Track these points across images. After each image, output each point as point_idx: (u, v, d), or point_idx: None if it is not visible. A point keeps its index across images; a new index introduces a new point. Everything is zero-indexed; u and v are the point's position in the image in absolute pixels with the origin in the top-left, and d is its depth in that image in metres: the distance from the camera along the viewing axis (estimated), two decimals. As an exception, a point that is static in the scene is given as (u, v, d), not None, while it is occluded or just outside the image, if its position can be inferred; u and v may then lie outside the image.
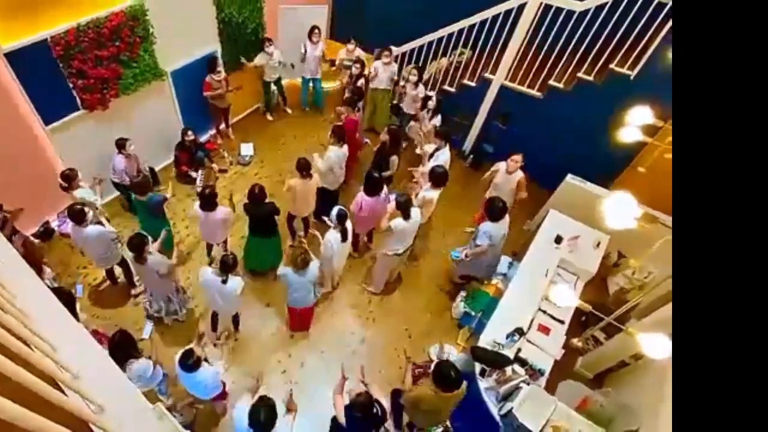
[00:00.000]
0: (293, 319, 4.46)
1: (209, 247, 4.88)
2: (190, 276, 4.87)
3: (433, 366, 2.95)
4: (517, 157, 4.67)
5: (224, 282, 3.59)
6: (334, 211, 4.03)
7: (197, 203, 4.23)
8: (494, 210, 4.10)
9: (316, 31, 6.38)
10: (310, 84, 7.05)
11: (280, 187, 5.07)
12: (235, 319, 4.33)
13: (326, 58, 6.84)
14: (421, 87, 6.02)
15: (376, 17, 6.91)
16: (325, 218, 4.22)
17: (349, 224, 4.17)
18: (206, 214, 4.18)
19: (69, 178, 4.18)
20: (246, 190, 4.32)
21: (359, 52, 6.59)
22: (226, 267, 3.56)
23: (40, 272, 3.98)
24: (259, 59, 6.21)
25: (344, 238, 4.14)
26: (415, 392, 3.04)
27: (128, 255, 3.74)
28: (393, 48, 6.39)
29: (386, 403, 2.99)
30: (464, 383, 2.89)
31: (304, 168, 4.41)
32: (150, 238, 3.76)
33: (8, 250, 2.13)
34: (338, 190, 5.21)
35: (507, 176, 4.77)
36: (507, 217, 4.22)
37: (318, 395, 4.02)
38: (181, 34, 5.21)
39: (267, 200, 4.28)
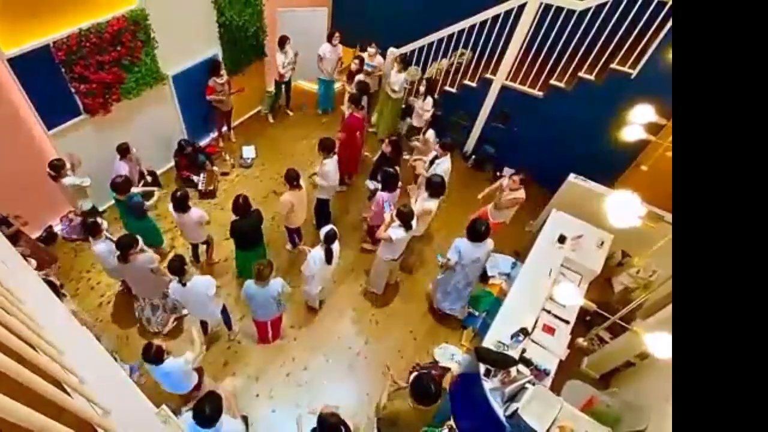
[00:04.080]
0: (261, 332, 4.33)
1: (194, 248, 4.84)
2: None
3: (411, 378, 2.79)
4: (516, 178, 4.55)
5: (183, 285, 3.53)
6: (324, 230, 3.86)
7: (170, 205, 4.21)
8: (474, 231, 3.87)
9: (336, 33, 6.46)
10: (325, 86, 7.06)
11: (282, 189, 5.07)
12: (226, 319, 4.23)
13: (342, 61, 6.86)
14: (429, 99, 5.97)
15: (376, 19, 6.92)
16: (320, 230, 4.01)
17: (335, 246, 3.96)
18: (180, 215, 4.19)
19: (57, 168, 4.20)
20: (247, 192, 4.31)
21: (379, 59, 6.57)
22: (174, 270, 3.47)
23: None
24: (279, 59, 6.30)
25: (329, 260, 3.92)
26: (390, 409, 2.87)
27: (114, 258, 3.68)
28: (393, 50, 6.41)
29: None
30: (440, 397, 2.75)
31: (294, 179, 4.33)
32: (140, 240, 3.74)
33: (14, 255, 2.13)
34: (330, 198, 5.13)
35: (509, 191, 4.67)
36: (489, 243, 3.98)
37: (322, 398, 4.01)
38: (182, 38, 5.24)
39: (252, 209, 4.18)
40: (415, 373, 2.87)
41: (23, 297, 1.38)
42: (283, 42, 6.21)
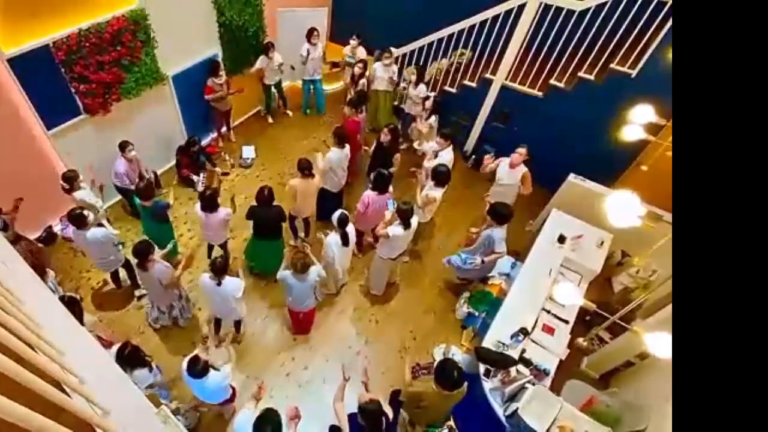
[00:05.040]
0: (295, 321, 4.44)
1: (210, 249, 4.88)
2: (193, 279, 4.86)
3: (436, 363, 2.92)
4: (522, 150, 4.59)
5: (219, 284, 3.60)
6: (336, 215, 4.03)
7: (198, 204, 4.24)
8: (502, 216, 4.06)
9: (315, 32, 6.41)
10: (311, 86, 7.06)
11: (282, 189, 5.09)
12: (237, 322, 4.30)
13: (326, 59, 6.86)
14: (421, 86, 6.00)
15: (376, 19, 6.92)
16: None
17: (350, 228, 4.15)
18: (207, 215, 4.20)
19: (70, 180, 4.19)
20: (247, 192, 4.32)
21: (361, 50, 6.60)
22: (216, 269, 3.56)
23: (43, 275, 3.98)
24: (258, 63, 6.26)
25: (345, 242, 4.13)
26: (415, 388, 3.02)
27: (132, 260, 3.74)
28: (393, 49, 6.40)
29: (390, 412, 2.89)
30: (465, 383, 2.88)
31: (305, 168, 4.43)
32: (155, 246, 3.78)
33: (13, 255, 2.13)
34: (341, 192, 5.20)
35: (509, 171, 4.72)
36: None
37: (323, 398, 4.02)
38: (182, 37, 5.23)
39: (274, 203, 4.28)
40: (440, 359, 2.99)
41: (23, 297, 1.38)
42: (267, 48, 6.15)
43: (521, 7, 5.14)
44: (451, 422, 3.72)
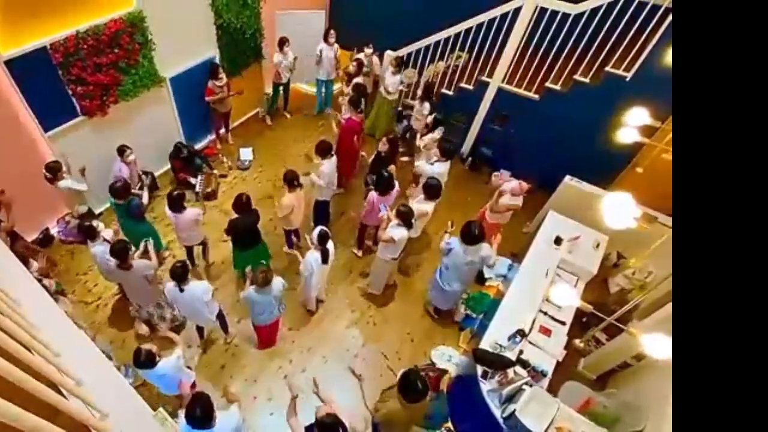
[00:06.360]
0: (262, 336, 4.30)
1: (189, 251, 4.81)
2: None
3: (399, 375, 2.81)
4: (525, 186, 4.56)
5: (181, 291, 3.52)
6: (315, 231, 3.92)
7: (166, 205, 4.20)
8: (468, 234, 3.80)
9: (332, 32, 6.45)
10: (324, 87, 7.09)
11: (280, 191, 5.08)
12: (222, 323, 4.20)
13: (338, 61, 6.90)
14: (426, 104, 5.93)
15: (373, 21, 6.95)
16: (307, 236, 4.06)
17: (330, 245, 4.03)
18: (176, 215, 4.18)
19: (54, 170, 4.20)
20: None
21: (376, 60, 6.62)
22: (176, 276, 3.47)
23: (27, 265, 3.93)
24: (275, 58, 6.29)
25: (324, 260, 4.01)
26: (383, 410, 2.89)
27: (113, 263, 3.62)
28: (390, 52, 6.43)
29: (354, 422, 2.77)
30: (429, 393, 2.78)
31: (294, 179, 4.34)
32: (131, 245, 3.71)
33: (9, 256, 2.13)
34: (330, 200, 5.18)
35: (510, 197, 4.64)
36: (485, 249, 3.90)
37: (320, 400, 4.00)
38: (180, 40, 5.24)
39: (252, 208, 4.20)
40: (402, 371, 2.85)
41: (19, 298, 1.38)
42: (282, 43, 6.22)
43: (517, 10, 5.17)
44: (449, 424, 3.73)
